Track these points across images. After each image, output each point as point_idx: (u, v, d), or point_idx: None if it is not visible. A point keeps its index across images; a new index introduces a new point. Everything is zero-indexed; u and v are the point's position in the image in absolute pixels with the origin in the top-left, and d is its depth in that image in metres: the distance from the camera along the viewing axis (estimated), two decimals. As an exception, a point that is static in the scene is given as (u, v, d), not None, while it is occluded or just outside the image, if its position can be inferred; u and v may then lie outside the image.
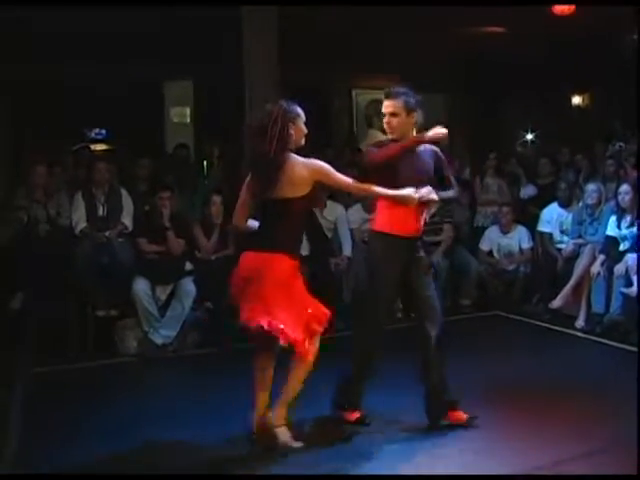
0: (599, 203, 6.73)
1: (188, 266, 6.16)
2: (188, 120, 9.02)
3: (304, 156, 3.75)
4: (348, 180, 3.79)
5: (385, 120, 3.97)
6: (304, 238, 6.32)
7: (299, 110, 3.75)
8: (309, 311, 3.70)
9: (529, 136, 9.94)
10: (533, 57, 8.96)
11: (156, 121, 8.77)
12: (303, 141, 3.77)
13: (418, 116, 4.00)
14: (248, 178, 3.79)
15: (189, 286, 5.98)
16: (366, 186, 3.83)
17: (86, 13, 6.47)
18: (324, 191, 6.26)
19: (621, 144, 7.80)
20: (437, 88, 9.48)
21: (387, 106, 3.94)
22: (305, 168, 3.67)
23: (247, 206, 3.84)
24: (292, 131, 3.67)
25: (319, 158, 3.84)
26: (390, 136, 4.00)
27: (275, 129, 3.60)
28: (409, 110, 3.92)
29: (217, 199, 6.33)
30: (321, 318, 3.74)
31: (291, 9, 6.33)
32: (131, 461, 3.77)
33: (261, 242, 3.73)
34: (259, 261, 3.66)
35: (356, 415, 4.14)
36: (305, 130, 3.77)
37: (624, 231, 6.31)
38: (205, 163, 8.02)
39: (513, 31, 8.23)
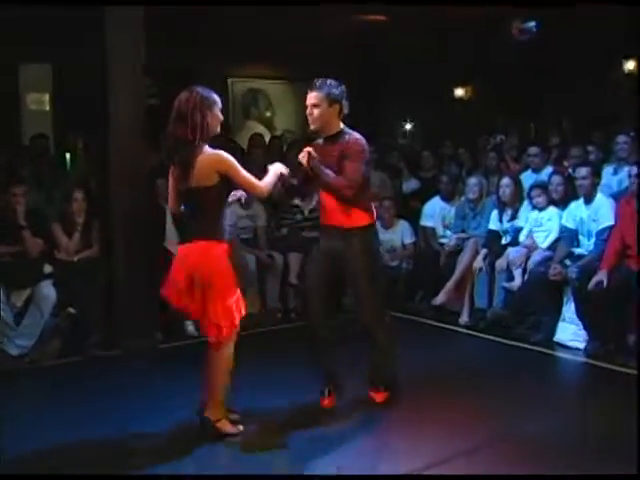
0: (481, 197, 6.83)
1: (47, 268, 5.86)
2: (47, 107, 8.56)
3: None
4: (252, 179, 3.86)
5: (307, 112, 4.21)
6: (176, 237, 6.25)
7: (216, 97, 3.86)
8: (232, 301, 3.87)
9: (408, 127, 10.05)
10: (415, 47, 9.06)
11: (10, 108, 8.23)
12: (219, 129, 3.88)
13: (344, 107, 4.23)
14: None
15: (48, 290, 5.70)
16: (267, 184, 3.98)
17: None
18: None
19: (502, 137, 7.96)
20: (312, 76, 9.45)
21: (310, 98, 4.20)
22: (209, 158, 3.77)
23: (177, 192, 3.95)
24: (209, 119, 3.77)
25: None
26: (312, 127, 4.22)
27: (196, 117, 3.71)
28: (331, 101, 4.16)
29: (79, 195, 6.07)
30: (241, 307, 3.95)
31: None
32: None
33: (187, 233, 3.95)
34: (186, 252, 3.88)
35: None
36: (221, 117, 3.89)
37: (505, 225, 6.47)
38: (68, 155, 7.64)
39: (394, 20, 8.29)
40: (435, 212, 7.27)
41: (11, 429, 4.18)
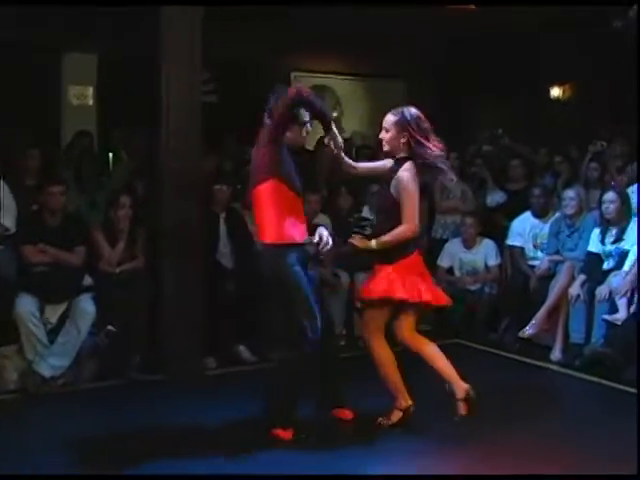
0: (579, 212, 6.77)
1: (86, 280, 6.05)
2: (91, 102, 8.81)
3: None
4: None
5: None
6: (229, 249, 6.33)
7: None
8: None
9: (495, 131, 9.98)
10: (505, 42, 9.11)
11: (51, 102, 8.52)
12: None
13: None
14: (416, 181, 4.59)
15: (87, 305, 5.87)
16: None
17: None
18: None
19: (604, 143, 7.74)
20: (391, 72, 9.60)
21: None
22: None
23: None
24: None
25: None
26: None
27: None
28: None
29: (126, 200, 6.23)
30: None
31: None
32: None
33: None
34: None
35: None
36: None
37: (608, 247, 6.35)
38: (111, 155, 7.87)
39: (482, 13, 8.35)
40: (525, 230, 7.22)
41: (39, 457, 4.32)
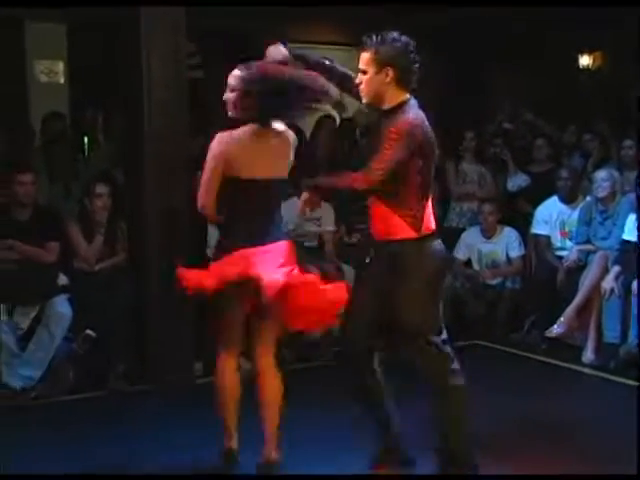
0: (613, 197, 6.76)
1: (61, 280, 6.03)
2: (62, 79, 8.72)
3: None
4: None
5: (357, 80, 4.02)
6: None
7: None
8: None
9: (516, 107, 9.95)
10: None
11: (14, 79, 8.29)
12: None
13: (400, 73, 3.88)
14: None
15: (62, 307, 5.84)
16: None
17: None
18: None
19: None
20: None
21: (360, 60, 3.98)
22: None
23: None
24: None
25: None
26: (363, 100, 4.03)
27: None
28: (380, 63, 3.86)
29: (103, 189, 6.20)
30: None
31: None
32: None
33: None
34: None
35: None
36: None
37: None
38: (86, 139, 7.80)
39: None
40: (551, 216, 7.25)
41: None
